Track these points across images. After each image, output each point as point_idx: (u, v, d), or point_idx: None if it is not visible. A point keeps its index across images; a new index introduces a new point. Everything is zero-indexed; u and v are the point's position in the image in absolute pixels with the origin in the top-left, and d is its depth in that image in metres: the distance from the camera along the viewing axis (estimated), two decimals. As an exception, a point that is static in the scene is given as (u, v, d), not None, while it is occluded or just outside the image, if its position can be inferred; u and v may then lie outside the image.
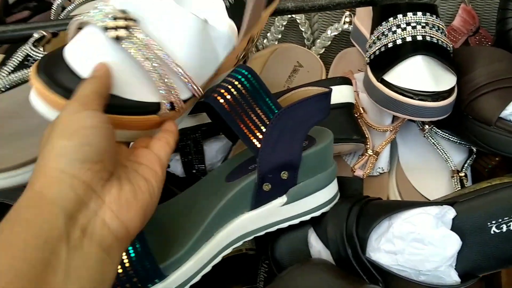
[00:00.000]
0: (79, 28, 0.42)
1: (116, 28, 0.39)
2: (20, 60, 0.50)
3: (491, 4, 0.77)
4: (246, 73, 0.44)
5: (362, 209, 0.49)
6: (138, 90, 0.40)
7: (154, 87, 0.40)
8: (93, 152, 0.34)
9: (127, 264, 0.41)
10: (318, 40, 0.80)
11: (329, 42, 0.80)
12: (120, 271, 0.41)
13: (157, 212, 0.48)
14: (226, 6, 0.49)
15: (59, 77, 0.38)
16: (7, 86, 0.47)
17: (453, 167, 0.61)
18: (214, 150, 0.57)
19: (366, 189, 0.59)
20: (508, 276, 0.62)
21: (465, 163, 0.62)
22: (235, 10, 0.49)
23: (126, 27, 0.39)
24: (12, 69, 0.49)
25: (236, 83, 0.45)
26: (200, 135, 0.54)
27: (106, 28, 0.39)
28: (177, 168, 0.57)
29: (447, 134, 0.63)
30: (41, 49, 0.51)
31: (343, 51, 0.76)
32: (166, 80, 0.40)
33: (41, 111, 0.39)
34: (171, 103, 0.41)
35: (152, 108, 0.41)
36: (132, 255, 0.41)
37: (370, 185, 0.62)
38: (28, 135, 0.48)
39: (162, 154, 0.40)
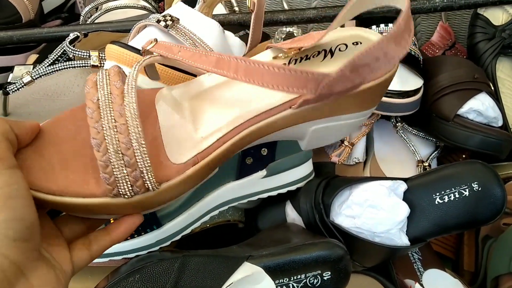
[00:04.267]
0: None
1: (165, 20, 0.54)
2: (59, 54, 0.60)
3: (466, 22, 0.87)
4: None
5: (329, 182, 0.58)
6: None
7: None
8: (25, 228, 0.30)
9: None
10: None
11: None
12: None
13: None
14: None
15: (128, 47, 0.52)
16: (45, 74, 0.58)
17: (419, 158, 0.70)
18: None
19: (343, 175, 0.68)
20: (469, 257, 0.70)
21: (430, 155, 0.71)
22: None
23: (172, 20, 0.54)
24: (51, 62, 0.60)
25: None
26: None
27: (158, 21, 0.54)
28: None
29: (416, 131, 0.72)
30: (73, 46, 0.62)
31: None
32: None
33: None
34: None
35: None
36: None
37: (346, 173, 0.71)
38: (54, 112, 0.59)
39: (78, 262, 0.37)
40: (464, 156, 0.75)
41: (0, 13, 0.78)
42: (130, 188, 0.36)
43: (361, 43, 0.47)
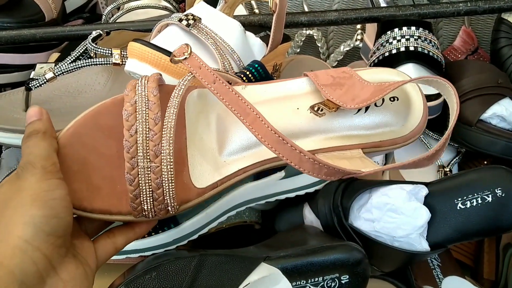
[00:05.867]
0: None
1: (187, 19, 0.55)
2: (81, 52, 0.61)
3: (489, 27, 0.85)
4: (256, 65, 0.54)
5: (348, 185, 0.58)
6: (205, 60, 0.53)
7: (215, 59, 0.54)
8: (60, 226, 0.33)
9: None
10: (332, 55, 0.90)
11: (342, 57, 0.89)
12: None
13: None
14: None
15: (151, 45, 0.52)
16: (67, 71, 0.58)
17: (439, 163, 0.69)
18: None
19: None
20: (490, 265, 0.68)
21: (451, 161, 0.70)
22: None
23: (194, 20, 0.55)
24: (74, 59, 0.60)
25: (248, 73, 0.55)
26: None
27: (180, 20, 0.54)
28: None
29: (437, 135, 0.71)
30: (95, 44, 0.62)
31: (352, 63, 0.86)
32: (222, 55, 0.55)
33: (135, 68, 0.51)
34: (227, 72, 0.52)
35: None
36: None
37: (365, 176, 0.69)
38: (75, 109, 0.59)
39: (102, 255, 0.39)
40: (486, 162, 0.74)
41: (24, 11, 0.80)
42: (154, 214, 0.40)
43: (397, 99, 0.46)
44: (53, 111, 0.58)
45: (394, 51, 0.68)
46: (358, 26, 0.85)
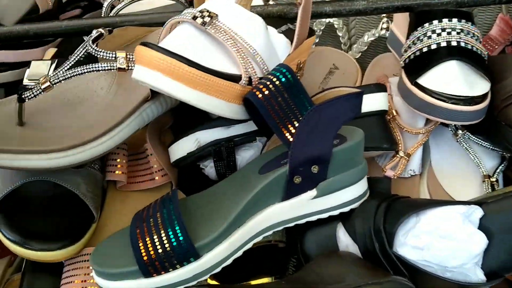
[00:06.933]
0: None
1: (202, 16, 0.48)
2: (80, 55, 0.53)
3: (530, 14, 0.77)
4: (284, 70, 0.47)
5: (390, 205, 0.51)
6: (224, 64, 0.48)
7: (236, 63, 0.48)
8: None
9: (166, 243, 0.44)
10: (355, 45, 0.82)
11: (366, 47, 0.81)
12: (159, 250, 0.43)
13: (194, 198, 0.52)
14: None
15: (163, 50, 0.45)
16: (65, 78, 0.50)
17: (484, 172, 0.62)
18: (245, 158, 0.59)
19: (397, 190, 0.60)
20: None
21: (497, 169, 0.63)
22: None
23: (210, 17, 0.48)
24: (72, 64, 0.52)
25: (274, 79, 0.47)
26: (232, 145, 0.57)
27: (194, 18, 0.48)
28: (212, 174, 0.60)
29: (480, 140, 0.64)
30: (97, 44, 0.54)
31: (379, 56, 0.78)
32: (244, 59, 0.48)
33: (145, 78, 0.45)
34: (249, 78, 0.48)
35: (235, 78, 0.48)
36: (171, 235, 0.44)
37: (401, 186, 0.63)
38: (77, 120, 0.52)
39: None
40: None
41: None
42: None
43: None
44: (51, 125, 0.51)
45: (433, 46, 0.60)
46: (384, 13, 0.77)
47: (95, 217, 0.53)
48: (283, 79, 0.47)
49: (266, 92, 0.46)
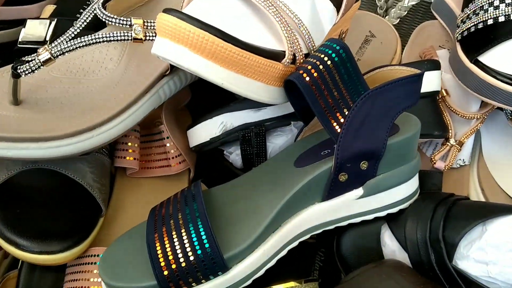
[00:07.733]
0: None
1: None
2: (88, 21, 0.44)
3: None
4: (338, 48, 0.38)
5: (450, 209, 0.43)
6: (263, 38, 0.40)
7: (280, 38, 0.40)
8: None
9: (190, 255, 0.37)
10: (393, 10, 0.72)
11: (405, 12, 0.72)
12: (182, 263, 0.36)
13: (219, 191, 0.44)
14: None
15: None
16: (69, 50, 0.42)
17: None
18: (278, 146, 0.51)
19: (444, 183, 0.53)
20: None
21: (557, 161, 0.55)
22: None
23: None
24: (78, 31, 0.44)
25: (326, 58, 0.39)
26: (263, 130, 0.49)
27: None
28: (237, 162, 0.52)
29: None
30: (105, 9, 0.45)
31: (424, 24, 0.69)
32: (289, 32, 0.40)
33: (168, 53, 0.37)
34: (294, 55, 0.40)
35: (277, 55, 0.39)
36: (195, 242, 0.37)
37: (449, 178, 0.55)
38: (81, 99, 0.44)
39: None
40: None
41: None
42: None
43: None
44: (51, 102, 0.43)
45: (501, 19, 0.51)
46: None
47: (103, 211, 0.46)
48: (336, 59, 0.39)
49: (315, 74, 0.38)
